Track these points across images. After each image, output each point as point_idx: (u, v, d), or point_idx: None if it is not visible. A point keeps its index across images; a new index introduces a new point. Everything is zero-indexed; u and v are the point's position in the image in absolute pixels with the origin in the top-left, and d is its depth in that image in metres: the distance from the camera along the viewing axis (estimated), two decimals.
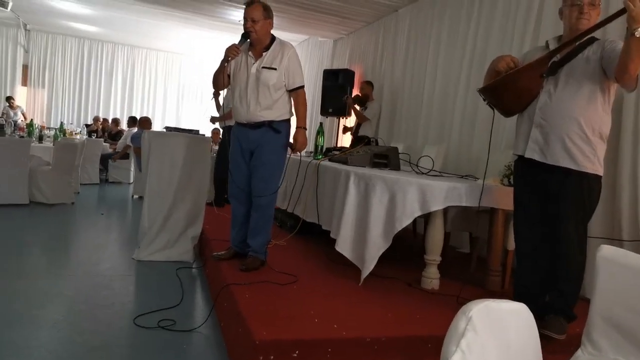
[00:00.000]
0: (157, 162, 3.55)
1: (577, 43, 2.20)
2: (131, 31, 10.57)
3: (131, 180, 8.31)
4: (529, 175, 2.38)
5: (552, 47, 2.29)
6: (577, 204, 2.21)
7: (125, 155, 8.30)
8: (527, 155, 2.31)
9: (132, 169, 8.24)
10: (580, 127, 2.18)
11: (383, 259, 2.79)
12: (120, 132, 9.62)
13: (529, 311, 1.00)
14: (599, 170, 2.23)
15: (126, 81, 12.73)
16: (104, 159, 8.34)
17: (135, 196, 6.94)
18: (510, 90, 2.31)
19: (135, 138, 7.22)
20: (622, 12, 1.93)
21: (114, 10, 8.60)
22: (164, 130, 3.98)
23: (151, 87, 13.03)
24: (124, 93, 12.74)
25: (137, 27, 9.96)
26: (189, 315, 2.63)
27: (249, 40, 2.90)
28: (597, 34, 2.22)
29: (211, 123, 6.21)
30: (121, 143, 8.53)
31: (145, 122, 7.61)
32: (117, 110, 12.49)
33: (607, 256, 1.68)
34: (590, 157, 2.19)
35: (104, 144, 8.76)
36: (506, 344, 0.95)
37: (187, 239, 3.62)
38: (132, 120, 8.88)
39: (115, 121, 10.23)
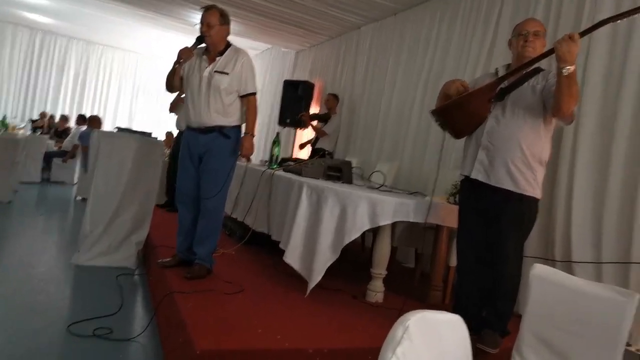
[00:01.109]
0: (105, 163, 3.44)
1: (523, 72, 2.33)
2: (88, 26, 10.23)
3: (75, 181, 7.97)
4: (473, 195, 2.48)
5: (501, 74, 2.42)
6: (516, 225, 2.33)
7: (73, 155, 7.97)
8: (473, 175, 2.41)
9: (77, 168, 7.91)
10: (523, 153, 2.30)
11: (330, 271, 2.81)
12: (68, 129, 9.24)
13: (463, 322, 1.05)
14: (538, 194, 2.36)
15: (78, 77, 12.26)
16: (48, 157, 7.96)
17: (79, 197, 6.65)
18: (461, 113, 2.41)
19: (84, 137, 6.95)
20: (551, 51, 2.07)
21: (71, 3, 8.31)
22: (115, 130, 3.87)
23: (104, 85, 12.61)
24: (75, 89, 12.26)
25: (94, 22, 9.65)
26: (128, 324, 2.54)
27: (203, 44, 2.89)
28: (543, 63, 2.37)
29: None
30: (68, 141, 8.18)
31: (94, 121, 7.35)
32: (67, 107, 12.00)
33: (539, 274, 1.77)
34: (531, 181, 2.31)
35: (49, 141, 8.37)
36: (440, 353, 0.99)
37: (131, 245, 3.51)
38: (81, 118, 8.55)
39: (64, 118, 9.82)
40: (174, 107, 5.65)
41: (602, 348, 1.54)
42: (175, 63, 2.87)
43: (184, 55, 2.82)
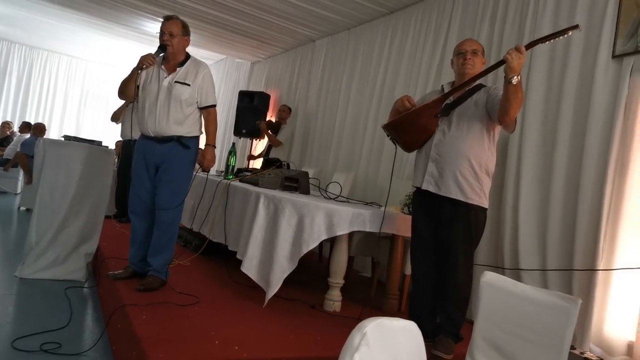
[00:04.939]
0: (51, 172, 3.29)
1: (467, 88, 2.47)
2: (31, 31, 9.78)
3: (18, 191, 7.58)
4: (424, 206, 2.58)
5: (446, 90, 2.54)
6: (464, 233, 2.43)
7: (15, 164, 7.57)
8: (424, 187, 2.51)
9: (21, 178, 7.53)
10: (470, 164, 2.41)
11: (288, 281, 2.81)
12: (9, 137, 8.78)
13: (418, 328, 1.09)
14: (485, 203, 2.48)
15: (21, 83, 11.69)
16: None
17: (23, 208, 6.33)
18: (410, 127, 2.53)
19: (27, 145, 6.64)
20: (502, 62, 2.21)
21: (12, 7, 7.93)
22: (62, 139, 3.72)
23: (50, 92, 12.06)
24: (18, 96, 11.67)
25: (38, 27, 9.24)
26: (77, 338, 2.44)
27: (162, 54, 2.87)
28: (487, 79, 2.51)
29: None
30: (10, 149, 7.78)
31: (38, 129, 7.04)
32: (9, 114, 11.39)
33: (489, 282, 1.86)
34: (477, 191, 2.43)
35: None
36: (396, 358, 1.02)
37: (80, 256, 3.37)
38: (25, 126, 8.16)
39: (7, 125, 9.32)
40: (117, 116, 5.51)
41: (548, 351, 1.63)
42: (135, 69, 2.82)
43: (147, 62, 2.77)
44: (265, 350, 2.17)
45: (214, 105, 3.01)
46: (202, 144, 3.02)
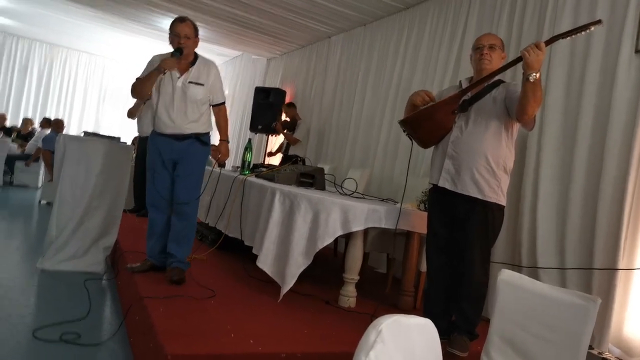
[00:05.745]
0: (72, 167, 3.36)
1: (485, 84, 2.43)
2: (51, 29, 9.96)
3: (39, 185, 7.74)
4: (441, 203, 2.55)
5: (464, 86, 2.51)
6: (481, 230, 2.40)
7: (36, 158, 7.74)
8: (440, 184, 2.49)
9: (42, 172, 7.68)
10: (487, 161, 2.38)
11: (303, 276, 2.82)
12: (31, 132, 8.97)
13: (434, 326, 1.08)
14: (502, 201, 2.44)
15: (42, 80, 11.90)
16: (11, 160, 7.70)
17: (43, 201, 6.47)
18: (426, 123, 2.50)
19: (48, 141, 6.77)
20: (519, 59, 2.17)
21: (34, 5, 8.08)
22: (82, 134, 3.79)
23: (70, 88, 12.27)
24: (39, 92, 11.90)
25: (58, 25, 9.41)
26: (96, 329, 2.49)
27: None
28: (505, 75, 2.47)
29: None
30: (31, 144, 7.94)
31: (57, 125, 7.17)
32: (30, 110, 11.62)
33: (506, 279, 1.84)
34: (495, 189, 2.40)
35: (12, 144, 8.11)
36: (411, 356, 1.02)
37: (99, 250, 3.44)
38: (46, 122, 8.32)
39: (29, 121, 9.53)
40: (133, 113, 5.57)
41: (566, 351, 1.60)
42: (157, 72, 2.83)
43: (169, 66, 2.83)
44: (279, 345, 2.19)
45: (224, 102, 3.15)
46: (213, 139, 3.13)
